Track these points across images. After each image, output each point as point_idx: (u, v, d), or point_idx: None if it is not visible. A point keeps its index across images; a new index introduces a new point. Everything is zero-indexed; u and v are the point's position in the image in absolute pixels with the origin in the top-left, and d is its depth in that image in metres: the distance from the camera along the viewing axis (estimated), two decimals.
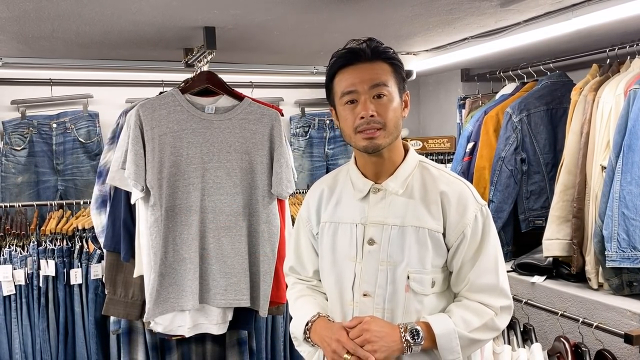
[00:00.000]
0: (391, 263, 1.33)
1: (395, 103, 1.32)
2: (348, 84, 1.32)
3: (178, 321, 2.08)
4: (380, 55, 1.33)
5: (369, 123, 1.29)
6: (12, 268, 2.51)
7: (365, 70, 1.31)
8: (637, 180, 1.82)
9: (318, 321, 1.39)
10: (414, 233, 1.33)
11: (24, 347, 2.55)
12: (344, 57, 1.34)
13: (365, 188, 1.39)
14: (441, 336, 1.28)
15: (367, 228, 1.36)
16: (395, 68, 1.34)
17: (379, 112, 1.30)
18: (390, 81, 1.32)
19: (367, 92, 1.30)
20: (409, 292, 1.33)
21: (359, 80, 1.31)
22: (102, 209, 2.32)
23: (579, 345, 1.69)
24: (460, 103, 3.12)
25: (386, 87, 1.31)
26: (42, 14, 1.82)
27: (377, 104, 1.30)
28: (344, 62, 1.33)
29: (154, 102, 2.04)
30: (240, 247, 2.09)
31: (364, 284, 1.36)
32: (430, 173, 1.39)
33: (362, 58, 1.32)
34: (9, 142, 2.82)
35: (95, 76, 2.97)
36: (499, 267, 1.35)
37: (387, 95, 1.31)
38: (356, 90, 1.31)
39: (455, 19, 2.05)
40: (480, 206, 1.35)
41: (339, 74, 1.35)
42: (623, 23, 1.95)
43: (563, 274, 2.14)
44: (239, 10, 1.84)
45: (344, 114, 1.34)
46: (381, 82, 1.31)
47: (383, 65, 1.33)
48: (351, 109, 1.32)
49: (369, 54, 1.32)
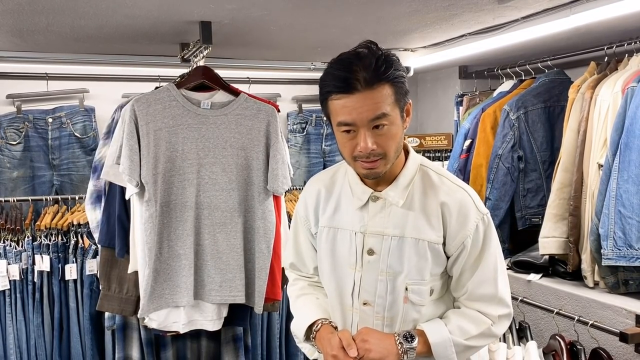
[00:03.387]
0: (391, 274, 1.32)
1: (396, 128, 1.24)
2: (345, 117, 1.21)
3: (173, 317, 2.08)
4: (381, 78, 1.19)
5: (368, 156, 1.23)
6: (7, 263, 2.50)
7: (364, 101, 1.18)
8: (633, 179, 1.82)
9: (321, 330, 1.38)
10: (413, 245, 1.31)
11: (19, 343, 2.54)
12: (340, 83, 1.19)
13: (364, 197, 1.35)
14: (436, 345, 1.28)
15: (366, 237, 1.34)
16: (397, 87, 1.22)
17: (378, 143, 1.21)
18: (391, 106, 1.21)
19: (366, 125, 1.20)
20: (408, 303, 1.33)
21: (357, 114, 1.19)
22: (97, 204, 2.31)
23: (574, 344, 1.69)
24: (458, 100, 3.11)
25: (387, 116, 1.20)
26: (36, 7, 1.80)
27: (376, 135, 1.21)
28: (340, 89, 1.20)
29: (149, 97, 2.02)
30: (235, 244, 2.08)
31: (364, 293, 1.35)
32: (431, 180, 1.34)
33: (359, 87, 1.18)
34: (5, 136, 2.80)
35: (91, 71, 2.96)
36: (498, 276, 1.33)
37: (387, 125, 1.21)
38: (354, 123, 1.20)
39: (453, 16, 2.04)
40: (482, 215, 1.32)
41: (334, 99, 1.22)
42: (621, 21, 1.95)
43: (559, 271, 2.14)
44: (235, 4, 1.83)
45: (341, 139, 1.26)
46: (381, 113, 1.19)
47: (383, 89, 1.19)
48: (349, 138, 1.23)
49: (369, 79, 1.18)
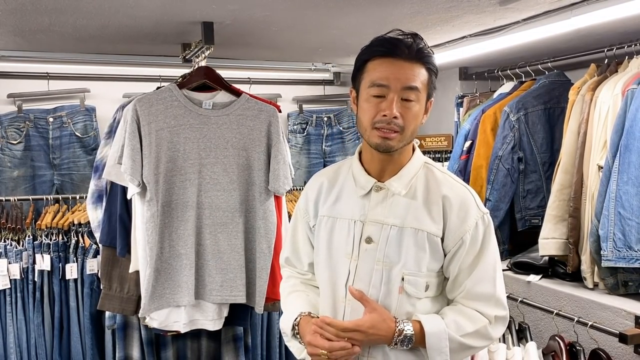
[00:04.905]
0: (387, 263, 1.32)
1: (419, 109, 1.30)
2: (381, 77, 1.26)
3: (173, 317, 2.08)
4: (422, 58, 1.28)
5: (389, 123, 1.26)
6: (7, 262, 2.50)
7: (403, 68, 1.26)
8: (633, 180, 1.83)
9: (300, 322, 1.37)
10: (412, 235, 1.31)
11: (19, 342, 2.54)
12: (387, 46, 1.27)
13: (367, 185, 1.36)
14: (431, 334, 1.27)
15: (365, 226, 1.35)
16: (431, 74, 1.30)
17: (402, 114, 1.26)
18: (423, 87, 1.28)
19: (398, 91, 1.25)
20: (402, 294, 1.32)
21: (394, 76, 1.25)
22: (98, 203, 2.32)
23: (573, 344, 1.69)
24: (458, 101, 3.12)
25: (417, 92, 1.27)
26: (39, 6, 1.81)
27: (403, 107, 1.26)
28: (384, 52, 1.27)
29: (151, 97, 2.03)
30: (236, 244, 2.09)
31: (358, 282, 1.34)
32: (435, 176, 1.37)
33: (403, 55, 1.26)
34: (5, 135, 2.81)
35: (92, 70, 2.96)
36: (496, 276, 1.34)
37: (414, 101, 1.27)
38: (388, 85, 1.26)
39: (454, 17, 2.05)
40: (482, 214, 1.33)
41: (375, 60, 1.28)
42: (622, 23, 1.95)
43: (559, 273, 2.14)
44: (237, 5, 1.83)
45: (367, 104, 1.29)
46: (415, 85, 1.26)
47: (421, 68, 1.28)
48: (376, 103, 1.27)
49: (412, 53, 1.26)
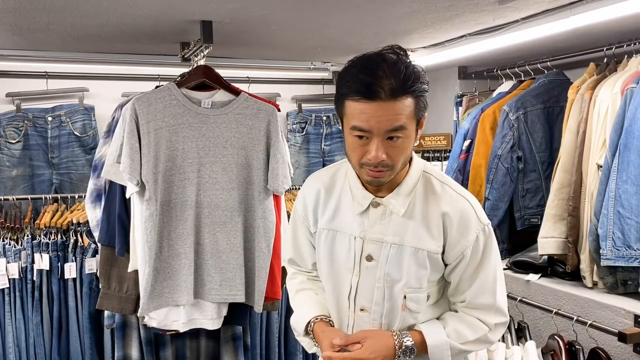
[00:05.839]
0: (388, 281, 1.32)
1: (409, 141, 1.21)
2: (361, 122, 1.16)
3: (172, 316, 2.08)
4: (405, 91, 1.14)
5: (376, 166, 1.19)
6: (6, 261, 2.50)
7: (383, 110, 1.13)
8: (632, 179, 1.83)
9: (315, 327, 1.39)
10: (412, 254, 1.30)
11: (18, 342, 2.54)
12: (362, 89, 1.14)
13: (364, 202, 1.32)
14: (434, 347, 1.30)
15: (365, 243, 1.33)
16: (418, 101, 1.18)
17: (389, 154, 1.18)
18: (409, 119, 1.17)
19: (381, 134, 1.16)
20: (405, 311, 1.33)
21: (374, 122, 1.14)
22: (97, 203, 2.32)
23: (572, 343, 1.70)
24: (457, 101, 3.11)
25: (403, 129, 1.16)
26: (37, 5, 1.80)
27: (389, 146, 1.18)
28: (361, 95, 1.14)
29: (149, 96, 2.03)
30: (235, 243, 2.08)
31: (360, 298, 1.35)
32: (434, 188, 1.32)
33: (382, 96, 1.13)
34: (4, 135, 2.81)
35: (91, 69, 2.96)
36: (497, 286, 1.34)
37: (402, 137, 1.18)
38: (370, 130, 1.16)
39: (453, 16, 2.04)
40: (483, 226, 1.31)
41: (352, 102, 1.17)
42: (621, 22, 1.95)
43: (558, 272, 2.14)
44: (236, 4, 1.83)
45: (352, 143, 1.21)
46: (399, 125, 1.15)
47: (405, 100, 1.15)
48: (360, 144, 1.19)
49: (391, 90, 1.13)
